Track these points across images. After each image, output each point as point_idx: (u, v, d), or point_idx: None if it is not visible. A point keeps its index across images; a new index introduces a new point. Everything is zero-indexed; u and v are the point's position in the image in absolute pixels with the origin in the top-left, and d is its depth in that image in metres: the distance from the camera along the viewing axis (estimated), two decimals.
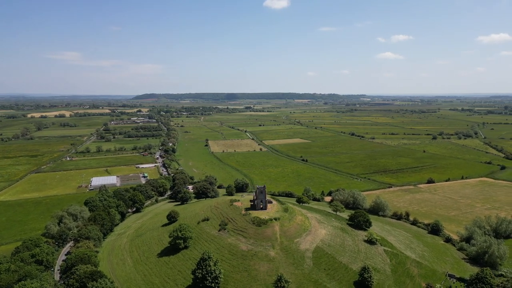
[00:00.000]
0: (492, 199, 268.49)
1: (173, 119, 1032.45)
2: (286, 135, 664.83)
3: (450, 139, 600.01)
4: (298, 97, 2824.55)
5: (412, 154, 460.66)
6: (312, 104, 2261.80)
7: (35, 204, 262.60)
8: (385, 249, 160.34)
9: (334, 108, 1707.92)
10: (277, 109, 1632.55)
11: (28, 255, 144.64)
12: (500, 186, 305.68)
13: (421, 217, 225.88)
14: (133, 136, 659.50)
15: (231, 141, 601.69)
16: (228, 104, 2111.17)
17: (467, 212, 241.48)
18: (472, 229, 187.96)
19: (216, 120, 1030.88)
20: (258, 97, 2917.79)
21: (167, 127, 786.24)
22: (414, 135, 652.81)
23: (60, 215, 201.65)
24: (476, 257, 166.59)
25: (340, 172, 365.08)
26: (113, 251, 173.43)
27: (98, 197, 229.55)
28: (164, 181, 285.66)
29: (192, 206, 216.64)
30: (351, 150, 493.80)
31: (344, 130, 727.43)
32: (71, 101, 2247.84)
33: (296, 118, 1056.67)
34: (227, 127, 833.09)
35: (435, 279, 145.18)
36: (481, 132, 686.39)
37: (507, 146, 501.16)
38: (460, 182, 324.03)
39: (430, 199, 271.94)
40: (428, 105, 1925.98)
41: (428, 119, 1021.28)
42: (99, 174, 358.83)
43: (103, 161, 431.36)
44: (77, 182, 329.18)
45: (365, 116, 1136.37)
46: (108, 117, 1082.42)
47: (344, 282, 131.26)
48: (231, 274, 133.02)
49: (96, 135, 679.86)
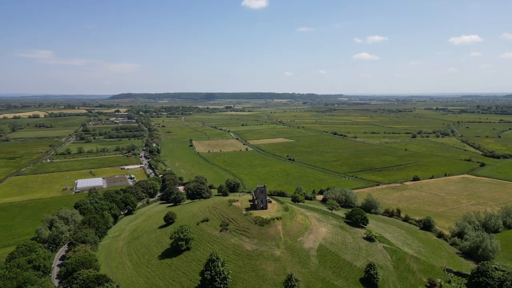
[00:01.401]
0: (476, 195, 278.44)
1: (153, 119, 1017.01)
2: (270, 135, 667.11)
3: (429, 137, 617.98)
4: (277, 97, 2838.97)
5: (395, 152, 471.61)
6: (291, 104, 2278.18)
7: (20, 208, 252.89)
8: (384, 245, 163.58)
9: (314, 108, 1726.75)
10: (258, 109, 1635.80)
11: (24, 261, 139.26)
12: (482, 183, 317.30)
13: (411, 214, 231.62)
14: (114, 137, 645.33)
15: (215, 141, 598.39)
16: (207, 104, 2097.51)
17: (454, 208, 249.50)
18: (463, 224, 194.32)
19: (198, 120, 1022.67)
20: (238, 97, 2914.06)
21: (148, 128, 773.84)
22: (395, 134, 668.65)
23: (50, 219, 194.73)
24: (470, 252, 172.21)
25: (328, 171, 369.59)
26: (110, 254, 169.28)
27: (89, 199, 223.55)
28: (154, 182, 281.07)
29: (187, 207, 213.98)
30: (335, 149, 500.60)
31: (326, 130, 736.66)
32: (44, 101, 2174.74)
33: (277, 118, 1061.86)
34: (210, 127, 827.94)
35: (434, 274, 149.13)
36: (457, 130, 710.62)
37: (484, 144, 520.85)
38: (444, 179, 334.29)
39: (418, 196, 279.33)
40: (403, 104, 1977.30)
41: (406, 118, 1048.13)
42: (83, 176, 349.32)
43: (86, 162, 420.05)
44: (61, 185, 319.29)
45: (344, 116, 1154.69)
46: (85, 118, 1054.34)
47: (351, 280, 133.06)
48: (238, 274, 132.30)
49: (75, 136, 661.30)
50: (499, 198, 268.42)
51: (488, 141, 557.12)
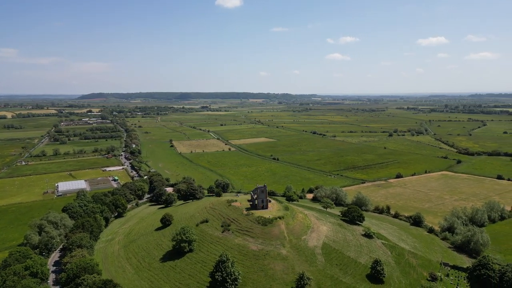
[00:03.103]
0: (457, 191, 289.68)
1: (128, 120, 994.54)
2: (251, 135, 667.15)
3: (404, 136, 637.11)
4: (252, 97, 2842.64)
5: (375, 150, 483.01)
6: (267, 103, 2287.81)
7: (1, 213, 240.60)
8: (383, 242, 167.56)
9: (290, 107, 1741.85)
10: (234, 109, 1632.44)
11: (21, 268, 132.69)
12: (461, 179, 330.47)
13: (399, 210, 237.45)
14: (90, 138, 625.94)
15: (196, 141, 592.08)
16: (182, 103, 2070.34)
17: (439, 204, 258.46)
18: (452, 219, 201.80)
19: (175, 120, 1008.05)
20: (213, 97, 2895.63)
21: (125, 128, 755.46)
22: (371, 133, 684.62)
23: (39, 224, 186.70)
24: (462, 246, 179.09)
25: (313, 170, 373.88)
26: (107, 258, 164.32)
27: (78, 202, 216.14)
28: (142, 184, 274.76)
29: (182, 209, 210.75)
30: (317, 148, 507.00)
31: (305, 129, 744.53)
32: (9, 101, 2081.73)
33: (255, 118, 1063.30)
34: (188, 127, 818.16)
35: (432, 268, 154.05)
36: (430, 129, 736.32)
37: (457, 141, 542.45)
38: (425, 176, 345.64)
39: (403, 193, 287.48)
40: (375, 104, 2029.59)
41: (380, 117, 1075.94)
42: (63, 179, 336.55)
43: (64, 164, 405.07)
44: (41, 188, 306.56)
45: (320, 115, 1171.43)
46: (56, 118, 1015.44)
47: (358, 276, 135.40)
48: (247, 275, 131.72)
49: (48, 137, 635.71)
50: (479, 194, 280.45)
51: (460, 139, 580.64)
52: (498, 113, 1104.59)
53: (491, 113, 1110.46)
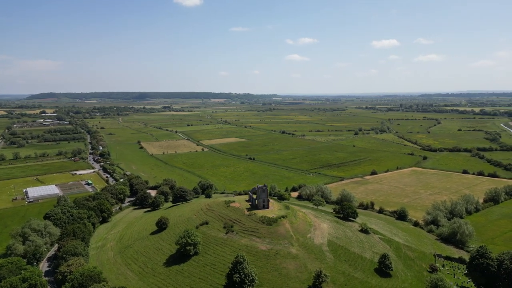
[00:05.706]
0: (430, 186, 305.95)
1: (87, 120, 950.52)
2: (221, 135, 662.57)
3: (369, 134, 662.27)
4: (214, 97, 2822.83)
5: (345, 149, 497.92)
6: (229, 103, 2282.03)
7: None
8: (380, 237, 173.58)
9: (253, 107, 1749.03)
10: (197, 109, 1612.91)
11: (17, 280, 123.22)
12: (430, 174, 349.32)
13: (382, 206, 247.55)
14: (50, 140, 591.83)
15: (165, 142, 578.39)
16: (141, 103, 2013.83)
17: (416, 198, 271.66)
18: (435, 213, 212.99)
19: (137, 121, 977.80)
20: (173, 96, 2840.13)
21: (87, 130, 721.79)
22: (338, 132, 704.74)
23: (22, 232, 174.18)
24: (448, 237, 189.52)
25: (290, 169, 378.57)
26: (104, 266, 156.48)
27: (60, 209, 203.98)
28: (123, 187, 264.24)
29: (174, 211, 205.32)
30: (289, 147, 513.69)
31: (273, 129, 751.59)
32: None
33: (221, 118, 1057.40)
34: (154, 128, 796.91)
35: (427, 260, 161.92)
36: (391, 127, 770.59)
37: (418, 139, 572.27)
38: (397, 172, 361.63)
39: (381, 189, 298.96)
40: (335, 104, 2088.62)
41: (342, 116, 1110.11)
42: (31, 184, 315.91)
43: (28, 169, 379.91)
44: (7, 195, 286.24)
45: (285, 115, 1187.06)
46: (6, 120, 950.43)
47: (367, 271, 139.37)
48: (261, 275, 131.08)
49: (3, 140, 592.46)
50: (450, 188, 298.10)
51: (420, 136, 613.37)
52: (449, 111, 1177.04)
53: (443, 112, 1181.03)
